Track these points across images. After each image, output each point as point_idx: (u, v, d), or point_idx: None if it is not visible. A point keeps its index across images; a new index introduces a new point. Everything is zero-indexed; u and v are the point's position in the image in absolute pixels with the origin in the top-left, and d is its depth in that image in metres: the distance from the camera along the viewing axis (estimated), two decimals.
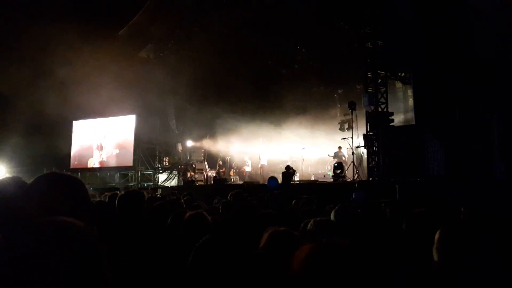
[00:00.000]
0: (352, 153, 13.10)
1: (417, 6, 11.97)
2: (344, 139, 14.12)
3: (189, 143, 20.03)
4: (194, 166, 18.48)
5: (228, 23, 16.77)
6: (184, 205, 5.52)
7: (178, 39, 18.47)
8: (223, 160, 19.10)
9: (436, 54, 11.38)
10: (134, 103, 18.48)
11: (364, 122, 13.04)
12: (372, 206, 4.98)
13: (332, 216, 3.57)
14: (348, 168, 13.39)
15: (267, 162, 18.25)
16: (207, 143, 19.74)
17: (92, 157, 20.19)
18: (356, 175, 12.62)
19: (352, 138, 13.14)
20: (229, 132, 18.57)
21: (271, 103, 19.01)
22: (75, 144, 20.71)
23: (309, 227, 2.77)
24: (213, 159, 19.36)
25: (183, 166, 19.09)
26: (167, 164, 20.98)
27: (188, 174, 17.96)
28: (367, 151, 12.88)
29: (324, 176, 15.48)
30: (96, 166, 20.07)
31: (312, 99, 19.52)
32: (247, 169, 18.45)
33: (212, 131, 19.56)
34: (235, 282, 1.80)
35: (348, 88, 18.49)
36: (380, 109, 12.63)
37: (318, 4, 14.57)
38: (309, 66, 19.10)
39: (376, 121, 12.53)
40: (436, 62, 11.52)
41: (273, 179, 11.01)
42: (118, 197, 3.13)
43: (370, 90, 12.90)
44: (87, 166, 20.31)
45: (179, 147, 20.08)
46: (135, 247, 2.38)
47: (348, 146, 13.73)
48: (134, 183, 19.05)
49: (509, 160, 8.83)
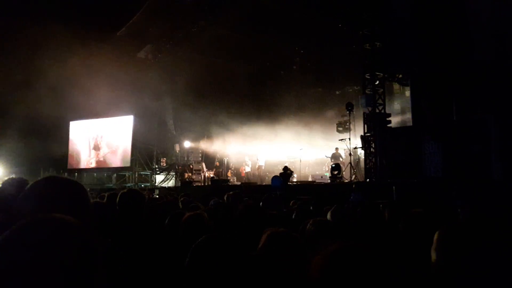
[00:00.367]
0: (350, 154, 13.12)
1: (415, 7, 12.01)
2: (341, 140, 14.15)
3: (186, 144, 20.02)
4: (191, 167, 18.46)
5: (226, 24, 16.76)
6: (181, 205, 5.52)
7: (176, 40, 18.45)
8: (221, 161, 19.09)
9: (434, 56, 11.42)
10: (131, 104, 18.45)
11: (361, 123, 13.06)
12: (369, 207, 4.97)
13: (328, 217, 3.57)
14: (345, 169, 13.40)
15: (265, 163, 18.26)
16: (204, 144, 19.75)
17: (89, 157, 20.16)
18: (354, 176, 12.63)
19: (349, 139, 13.17)
20: (226, 133, 18.57)
21: (269, 104, 19.05)
22: (72, 144, 20.67)
23: (308, 227, 2.77)
24: (210, 160, 19.36)
25: (181, 167, 19.08)
26: (165, 165, 20.95)
27: (186, 175, 17.94)
28: (365, 152, 12.89)
29: (322, 177, 15.48)
30: (93, 165, 20.03)
31: (310, 100, 19.58)
32: (246, 169, 18.43)
33: (209, 132, 19.57)
34: (231, 283, 1.80)
35: (346, 89, 18.56)
36: (377, 110, 12.65)
37: (316, 6, 14.59)
38: (307, 68, 19.15)
39: (373, 122, 12.55)
40: (434, 63, 11.56)
41: (276, 178, 10.97)
42: (119, 195, 3.09)
43: (367, 91, 12.91)
44: (84, 167, 20.27)
45: (177, 148, 20.07)
46: (135, 247, 2.37)
47: (346, 147, 13.75)
48: (132, 184, 19.01)
49: (506, 161, 8.86)
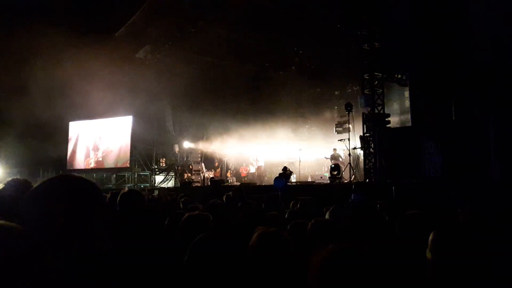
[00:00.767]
0: (349, 154, 13.13)
1: (414, 8, 12.02)
2: (341, 140, 14.16)
3: (186, 144, 20.01)
4: (191, 167, 18.47)
5: (225, 25, 16.77)
6: (182, 206, 5.54)
7: (175, 40, 18.44)
8: (220, 161, 19.10)
9: (433, 56, 11.43)
10: (130, 104, 18.44)
11: (360, 124, 13.08)
12: (368, 207, 4.99)
13: (327, 217, 3.57)
14: (344, 169, 13.42)
15: (264, 163, 18.27)
16: (204, 145, 19.74)
17: (89, 157, 20.16)
18: (353, 177, 12.64)
19: (348, 139, 13.18)
20: (226, 133, 18.57)
21: (268, 104, 19.05)
22: (72, 145, 20.67)
23: (309, 227, 2.78)
24: (210, 161, 19.36)
25: (180, 168, 19.08)
26: (164, 165, 20.95)
27: (185, 176, 17.94)
28: (364, 153, 12.91)
29: (321, 177, 15.50)
30: (92, 166, 20.03)
31: (308, 100, 19.59)
32: (251, 169, 18.34)
33: (209, 132, 19.57)
34: (226, 280, 1.82)
35: (345, 89, 18.57)
36: (376, 110, 12.67)
37: (315, 6, 14.60)
38: (306, 68, 19.15)
39: (372, 122, 12.57)
40: (433, 64, 11.57)
41: (279, 179, 10.96)
42: (120, 195, 3.10)
43: (366, 91, 12.93)
44: (84, 167, 20.26)
45: (176, 148, 20.06)
46: (135, 247, 2.37)
47: (345, 148, 13.77)
48: (131, 184, 19.00)
49: (505, 161, 8.87)
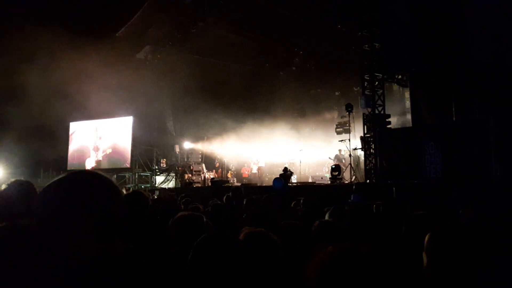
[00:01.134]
0: (350, 155, 13.14)
1: (414, 9, 12.03)
2: (341, 141, 14.16)
3: (186, 145, 20.01)
4: (191, 168, 18.47)
5: (225, 25, 16.79)
6: (183, 206, 5.54)
7: (175, 41, 18.46)
8: (221, 162, 19.10)
9: (433, 57, 11.43)
10: (131, 105, 18.44)
11: (361, 124, 13.08)
12: (368, 208, 5.00)
13: (327, 217, 3.58)
14: (345, 170, 13.42)
15: (265, 164, 18.27)
16: (204, 145, 19.74)
17: (89, 158, 20.17)
18: (354, 177, 12.64)
19: (349, 140, 13.18)
20: (226, 134, 18.57)
21: (268, 105, 19.04)
22: (72, 145, 20.68)
23: (313, 229, 2.78)
24: (210, 161, 19.35)
25: (181, 168, 19.06)
26: (165, 166, 20.94)
27: (186, 176, 17.94)
28: (364, 153, 12.91)
29: (322, 178, 15.50)
30: (93, 166, 20.04)
31: (309, 101, 19.59)
32: (254, 169, 18.35)
33: (209, 133, 19.56)
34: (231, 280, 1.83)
35: (345, 90, 18.56)
36: (377, 111, 12.67)
37: (316, 7, 14.61)
38: (306, 68, 19.17)
39: (373, 123, 12.57)
40: (433, 64, 11.57)
41: (278, 180, 10.95)
42: (125, 196, 3.10)
43: (367, 92, 12.93)
44: (85, 167, 20.26)
45: (177, 149, 20.05)
46: (141, 248, 2.38)
47: (346, 148, 13.77)
48: (132, 185, 19.00)
49: (505, 162, 8.88)
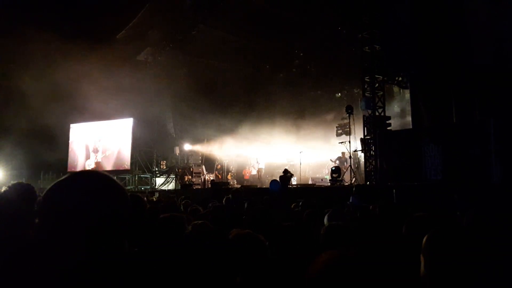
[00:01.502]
0: (350, 157, 13.12)
1: (414, 11, 12.03)
2: (341, 143, 14.14)
3: (186, 147, 20.00)
4: (191, 169, 18.46)
5: (226, 27, 16.80)
6: (182, 208, 5.52)
7: (176, 43, 18.48)
8: (221, 163, 19.09)
9: (433, 59, 11.42)
10: (131, 107, 18.45)
11: (361, 126, 13.06)
12: (367, 210, 4.99)
13: (325, 220, 3.55)
14: (345, 172, 13.41)
15: (265, 165, 18.26)
16: (204, 147, 19.73)
17: (89, 160, 20.18)
18: (354, 179, 12.63)
19: (349, 142, 13.16)
20: (226, 135, 18.57)
21: (268, 107, 19.05)
22: (72, 147, 20.68)
23: (322, 232, 2.76)
24: (210, 163, 19.34)
25: (181, 170, 19.06)
26: (165, 167, 20.94)
27: (186, 178, 17.93)
28: (364, 155, 12.89)
29: (322, 179, 15.48)
30: (93, 167, 20.04)
31: (309, 103, 19.59)
32: (253, 172, 18.37)
33: (209, 134, 19.55)
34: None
35: (346, 92, 18.57)
36: (377, 113, 12.65)
37: (316, 9, 14.62)
38: (306, 70, 19.16)
39: (373, 125, 12.56)
40: (433, 66, 11.56)
41: (275, 182, 10.94)
42: None
43: (367, 94, 12.91)
44: (85, 169, 20.26)
45: (177, 151, 20.05)
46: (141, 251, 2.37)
47: (346, 150, 13.77)
48: (131, 187, 19.00)
49: (506, 164, 8.85)
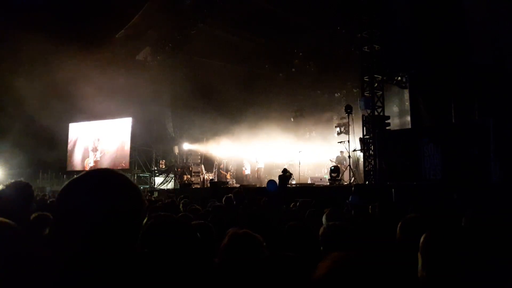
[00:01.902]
0: (349, 156, 13.13)
1: (414, 10, 12.03)
2: (340, 142, 14.15)
3: (185, 146, 20.00)
4: (190, 169, 18.46)
5: (225, 27, 16.81)
6: (182, 208, 5.53)
7: (175, 42, 18.47)
8: (220, 163, 19.09)
9: (433, 59, 11.43)
10: (130, 106, 18.44)
11: (360, 126, 13.07)
12: (364, 209, 4.99)
13: (323, 220, 3.54)
14: (344, 171, 13.41)
15: (264, 165, 18.26)
16: (203, 146, 19.73)
17: (88, 159, 20.19)
18: (353, 179, 12.63)
19: (348, 141, 13.16)
20: (225, 135, 18.57)
21: (267, 106, 19.04)
22: (71, 146, 20.68)
23: (321, 232, 2.74)
24: (209, 162, 19.34)
25: (180, 169, 19.06)
26: (164, 167, 20.93)
27: (185, 177, 17.93)
28: (364, 155, 12.90)
29: (321, 179, 15.48)
30: (92, 165, 20.05)
31: (308, 102, 19.59)
32: (246, 172, 18.46)
33: (208, 134, 19.55)
34: None
35: (345, 91, 18.56)
36: (376, 112, 12.66)
37: (315, 8, 14.62)
38: (306, 70, 19.15)
39: (372, 124, 12.56)
40: (433, 66, 11.57)
41: (272, 182, 10.95)
42: None
43: (366, 93, 12.91)
44: (83, 169, 20.26)
45: (176, 150, 20.04)
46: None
47: (345, 150, 13.77)
48: None
49: (505, 164, 8.86)
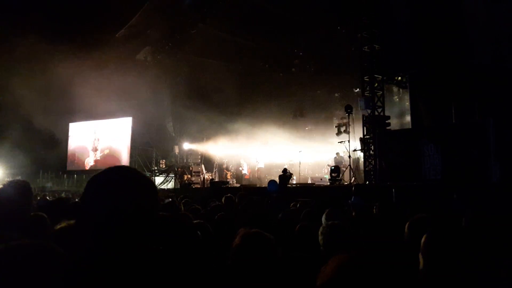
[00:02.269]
0: (349, 156, 13.14)
1: (413, 11, 12.04)
2: (341, 142, 14.16)
3: (186, 146, 20.00)
4: (191, 168, 18.46)
5: (225, 27, 16.79)
6: (182, 208, 5.53)
7: (175, 42, 18.46)
8: (220, 162, 19.10)
9: (433, 59, 11.43)
10: (130, 105, 18.45)
11: (360, 126, 13.08)
12: (367, 209, 5.00)
13: (323, 220, 3.55)
14: (345, 171, 13.42)
15: (264, 165, 18.27)
16: (204, 146, 19.74)
17: (88, 158, 20.19)
18: (353, 179, 12.64)
19: (348, 141, 13.17)
20: (226, 135, 18.57)
21: (268, 106, 19.04)
22: (72, 146, 20.69)
23: (321, 231, 2.76)
24: (210, 162, 19.35)
25: (180, 169, 19.06)
26: (164, 166, 20.93)
27: (185, 177, 17.93)
28: (364, 155, 12.91)
29: (321, 179, 15.49)
30: (92, 164, 20.06)
31: (309, 102, 19.58)
32: (243, 172, 18.50)
33: (209, 134, 19.56)
34: None
35: (345, 91, 18.56)
36: (376, 112, 12.67)
37: (316, 8, 14.62)
38: (306, 70, 19.15)
39: (372, 124, 12.57)
40: (433, 66, 11.58)
41: (272, 182, 10.97)
42: None
43: (366, 94, 12.93)
44: (84, 168, 20.26)
45: (176, 150, 20.05)
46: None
47: (345, 150, 13.78)
48: None
49: (505, 164, 8.88)
